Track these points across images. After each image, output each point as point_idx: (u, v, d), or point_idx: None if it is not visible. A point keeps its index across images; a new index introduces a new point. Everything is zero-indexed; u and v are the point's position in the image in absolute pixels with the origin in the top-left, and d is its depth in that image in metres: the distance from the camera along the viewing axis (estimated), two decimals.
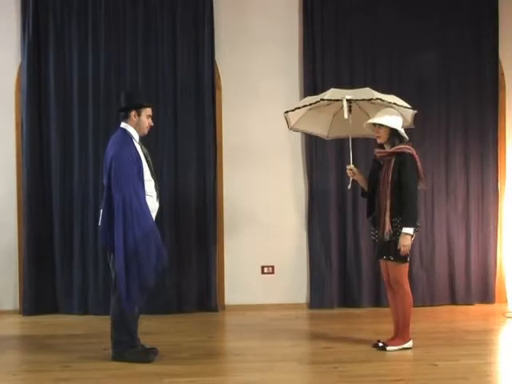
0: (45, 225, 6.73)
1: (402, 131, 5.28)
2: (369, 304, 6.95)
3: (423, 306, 6.87)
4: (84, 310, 6.71)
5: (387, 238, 5.17)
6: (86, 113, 6.70)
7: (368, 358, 5.11)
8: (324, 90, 6.88)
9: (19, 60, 6.72)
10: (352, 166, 5.46)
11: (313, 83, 6.88)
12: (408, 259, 5.29)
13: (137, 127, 5.14)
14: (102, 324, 6.30)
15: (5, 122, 6.76)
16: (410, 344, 5.33)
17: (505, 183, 7.08)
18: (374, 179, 5.36)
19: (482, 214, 7.03)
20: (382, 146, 5.33)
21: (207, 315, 6.70)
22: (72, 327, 6.26)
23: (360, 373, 4.76)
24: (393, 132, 5.23)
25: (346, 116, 5.26)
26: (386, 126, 5.21)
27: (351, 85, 6.80)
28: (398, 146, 5.23)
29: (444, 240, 7.01)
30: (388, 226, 5.16)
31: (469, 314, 6.63)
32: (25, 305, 6.68)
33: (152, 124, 5.24)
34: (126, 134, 5.10)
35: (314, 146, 6.87)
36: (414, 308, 6.78)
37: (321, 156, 6.91)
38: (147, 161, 5.12)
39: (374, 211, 5.36)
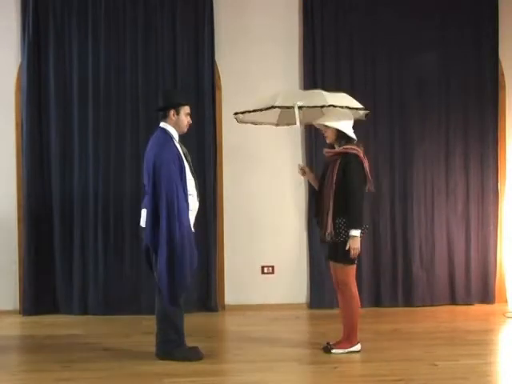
0: (45, 225, 6.72)
1: (350, 132, 5.20)
2: (369, 304, 6.94)
3: (423, 306, 6.87)
4: (84, 310, 6.71)
5: (328, 238, 5.11)
6: (86, 113, 6.70)
7: (368, 358, 5.11)
8: (324, 89, 6.89)
9: (19, 60, 6.71)
10: (303, 164, 5.39)
11: (313, 83, 6.87)
12: (356, 261, 5.21)
13: (176, 126, 5.15)
14: (102, 324, 6.32)
15: (5, 122, 6.76)
16: (357, 347, 5.22)
17: (505, 183, 7.08)
18: (323, 179, 5.28)
19: (482, 214, 7.03)
20: (332, 146, 5.26)
21: (207, 315, 6.70)
22: (72, 327, 6.25)
23: (360, 373, 4.76)
24: (340, 133, 5.17)
25: (298, 123, 5.06)
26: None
27: (351, 85, 6.83)
28: (343, 147, 5.16)
29: (444, 240, 7.01)
30: (330, 228, 5.08)
31: (469, 314, 6.63)
32: (25, 305, 6.67)
33: (191, 122, 5.24)
34: (166, 134, 5.12)
35: (313, 146, 6.87)
36: (415, 308, 6.85)
37: (321, 156, 6.89)
38: (187, 160, 5.12)
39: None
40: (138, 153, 6.75)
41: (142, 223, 5.10)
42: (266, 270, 6.94)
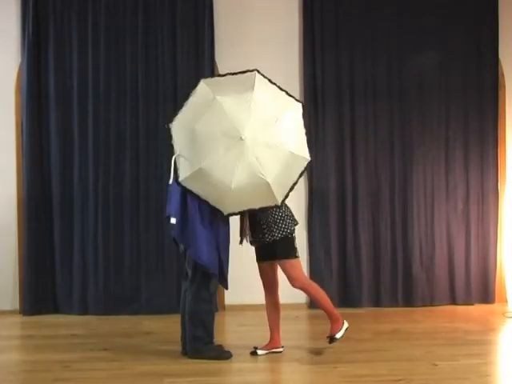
0: (45, 225, 6.72)
1: None
2: (369, 304, 6.95)
3: (423, 306, 6.87)
4: (84, 310, 6.71)
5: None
6: (86, 113, 6.70)
7: (368, 358, 5.11)
8: (324, 90, 6.93)
9: (19, 60, 6.71)
10: None
11: (313, 83, 6.89)
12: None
13: None
14: (102, 324, 6.31)
15: (5, 122, 6.76)
16: (280, 348, 5.23)
17: (505, 183, 7.08)
18: None
19: (482, 214, 7.03)
20: None
21: None
22: (72, 327, 6.25)
23: (360, 373, 4.75)
24: None
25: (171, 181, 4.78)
26: None
27: (351, 85, 6.83)
28: None
29: (444, 240, 7.01)
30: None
31: (469, 314, 6.63)
32: (25, 305, 6.67)
33: None
34: None
35: (313, 146, 6.86)
36: (415, 308, 6.85)
37: (321, 156, 6.92)
38: None
39: None
40: (138, 153, 6.76)
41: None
42: None
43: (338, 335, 5.17)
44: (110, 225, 6.72)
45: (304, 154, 4.77)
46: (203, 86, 4.72)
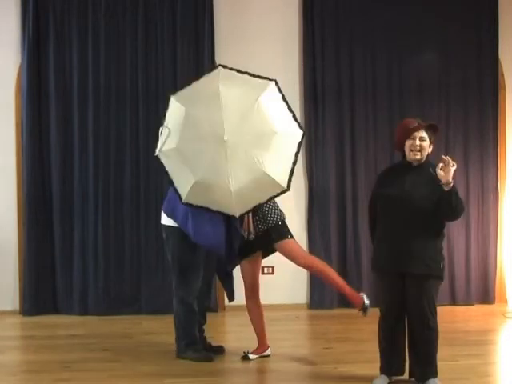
0: (45, 225, 6.72)
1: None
2: (369, 304, 6.92)
3: None
4: (84, 310, 6.71)
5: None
6: (86, 112, 6.70)
7: (368, 358, 5.10)
8: (324, 88, 6.93)
9: (19, 60, 6.71)
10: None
11: (313, 81, 6.89)
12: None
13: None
14: (102, 324, 6.31)
15: (5, 122, 6.76)
16: (268, 352, 5.22)
17: (505, 183, 7.08)
18: None
19: (482, 214, 7.03)
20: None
21: (207, 315, 6.68)
22: (72, 327, 6.26)
23: (360, 373, 4.76)
24: None
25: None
26: None
27: (351, 82, 6.84)
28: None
29: (444, 240, 6.99)
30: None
31: (469, 314, 6.63)
32: (25, 305, 6.67)
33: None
34: None
35: (313, 146, 6.88)
36: None
37: (321, 156, 6.92)
38: None
39: None
40: (138, 152, 6.77)
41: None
42: (266, 270, 6.91)
43: (367, 301, 5.12)
44: (110, 225, 6.72)
45: (295, 132, 4.60)
46: (175, 104, 4.66)
